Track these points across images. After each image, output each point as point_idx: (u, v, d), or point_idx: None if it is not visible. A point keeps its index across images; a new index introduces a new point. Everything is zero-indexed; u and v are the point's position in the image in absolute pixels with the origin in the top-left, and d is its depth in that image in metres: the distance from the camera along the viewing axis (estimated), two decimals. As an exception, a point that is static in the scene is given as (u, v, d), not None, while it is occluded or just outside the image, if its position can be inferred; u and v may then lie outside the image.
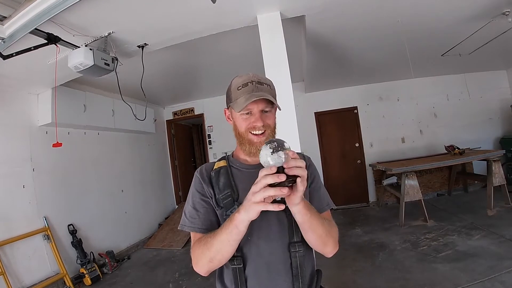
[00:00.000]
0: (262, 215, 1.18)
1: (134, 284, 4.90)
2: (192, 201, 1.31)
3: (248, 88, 1.23)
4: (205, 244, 1.13)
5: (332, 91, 8.25)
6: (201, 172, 1.37)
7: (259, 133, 1.25)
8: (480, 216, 5.67)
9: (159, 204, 8.02)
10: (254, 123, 1.24)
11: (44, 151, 4.91)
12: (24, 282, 4.29)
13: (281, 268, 1.23)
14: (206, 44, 4.47)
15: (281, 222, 1.25)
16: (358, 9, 3.76)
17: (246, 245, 1.23)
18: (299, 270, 1.23)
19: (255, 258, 1.23)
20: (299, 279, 1.22)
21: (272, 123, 1.30)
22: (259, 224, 1.21)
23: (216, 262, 1.14)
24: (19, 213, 4.46)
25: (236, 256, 1.21)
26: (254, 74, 1.30)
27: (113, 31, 3.33)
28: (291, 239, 1.24)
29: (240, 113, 1.26)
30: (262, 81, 1.27)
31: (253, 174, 1.18)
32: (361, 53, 5.55)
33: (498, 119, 8.23)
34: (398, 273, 4.03)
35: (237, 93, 1.25)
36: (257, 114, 1.24)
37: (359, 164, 8.19)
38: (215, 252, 1.10)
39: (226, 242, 1.06)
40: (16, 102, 4.64)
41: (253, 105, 1.22)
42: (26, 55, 3.08)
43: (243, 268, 1.22)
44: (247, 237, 1.21)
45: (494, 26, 4.62)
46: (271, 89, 1.28)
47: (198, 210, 1.27)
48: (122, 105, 5.00)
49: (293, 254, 1.23)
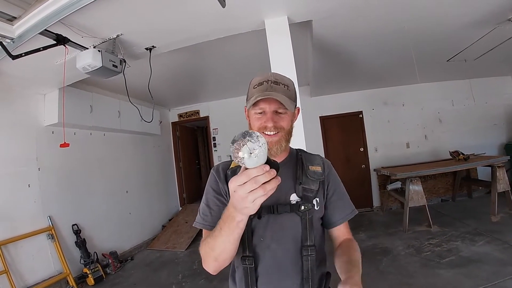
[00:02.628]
0: (276, 219, 1.22)
1: (137, 285, 4.91)
2: (206, 198, 1.32)
3: (263, 87, 1.22)
4: (208, 244, 1.12)
5: (338, 96, 8.24)
6: (217, 170, 1.36)
7: (271, 133, 1.23)
8: (484, 222, 5.64)
9: (163, 206, 8.04)
10: (265, 123, 1.23)
11: (50, 151, 4.95)
12: (27, 281, 4.31)
13: (292, 270, 1.24)
14: (213, 47, 4.48)
15: (295, 225, 1.25)
16: (365, 15, 3.77)
17: (259, 246, 1.24)
18: (309, 273, 1.23)
19: (267, 259, 1.24)
20: (309, 282, 1.23)
21: (287, 125, 1.26)
22: (273, 227, 1.23)
23: (221, 261, 1.14)
24: (24, 212, 4.49)
25: (248, 256, 1.23)
26: (274, 73, 1.29)
27: (122, 33, 3.36)
28: (304, 242, 1.25)
29: (254, 112, 1.26)
30: (279, 81, 1.25)
31: None
32: (367, 58, 5.55)
33: (503, 125, 8.21)
34: (402, 278, 4.02)
35: (252, 92, 1.25)
36: (269, 114, 1.23)
37: (364, 168, 8.17)
38: (219, 252, 1.09)
39: (227, 242, 1.04)
40: (23, 101, 4.68)
41: (266, 104, 1.22)
42: (34, 55, 3.10)
43: (254, 268, 1.23)
44: (260, 238, 1.24)
45: (500, 33, 4.63)
46: (288, 90, 1.25)
47: (211, 208, 1.28)
48: (128, 107, 5.03)
49: (305, 258, 1.23)
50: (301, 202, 1.25)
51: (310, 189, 1.28)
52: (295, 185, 1.29)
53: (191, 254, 6.11)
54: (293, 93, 1.27)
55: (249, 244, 1.23)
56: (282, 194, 1.26)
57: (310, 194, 1.28)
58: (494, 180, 5.93)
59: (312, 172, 1.31)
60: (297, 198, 1.27)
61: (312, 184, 1.29)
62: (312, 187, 1.29)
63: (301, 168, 1.33)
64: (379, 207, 8.03)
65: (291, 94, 1.26)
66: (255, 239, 1.24)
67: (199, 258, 4.30)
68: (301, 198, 1.27)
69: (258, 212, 1.19)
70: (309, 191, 1.28)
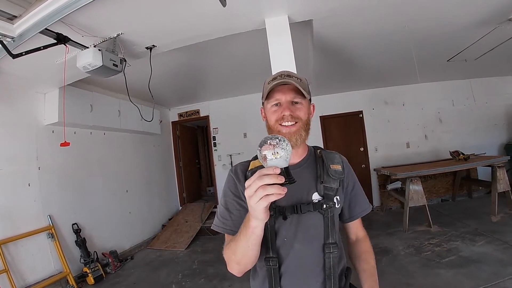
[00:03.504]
0: (299, 218, 1.24)
1: (137, 284, 4.91)
2: (224, 201, 1.31)
3: (277, 80, 1.24)
4: (230, 249, 1.14)
5: (338, 95, 8.25)
6: (236, 172, 1.35)
7: (289, 124, 1.24)
8: (484, 222, 5.65)
9: (163, 205, 8.04)
10: (282, 112, 1.23)
11: (50, 150, 4.95)
12: (27, 280, 4.31)
13: (315, 268, 1.26)
14: (214, 47, 4.47)
15: (317, 224, 1.27)
16: (366, 15, 3.76)
17: (282, 247, 1.25)
18: (331, 270, 1.25)
19: (290, 259, 1.25)
20: (331, 279, 1.25)
21: (304, 116, 1.27)
22: (297, 226, 1.25)
23: (243, 265, 1.16)
24: (24, 211, 4.49)
25: (272, 257, 1.24)
26: (287, 70, 1.30)
27: (122, 32, 3.35)
28: (326, 240, 1.26)
29: (270, 105, 1.27)
30: (292, 74, 1.26)
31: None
32: (368, 57, 5.55)
33: (503, 125, 8.23)
34: (402, 278, 4.03)
35: (266, 87, 1.27)
36: (285, 103, 1.24)
37: (364, 168, 8.19)
38: (240, 257, 1.11)
39: (246, 248, 1.06)
40: (23, 101, 4.68)
41: (281, 95, 1.23)
42: (35, 54, 3.09)
43: (278, 269, 1.24)
44: (283, 238, 1.25)
45: (500, 32, 4.62)
46: (302, 82, 1.26)
47: (230, 212, 1.27)
48: (128, 106, 5.02)
49: (327, 255, 1.25)
50: (323, 200, 1.27)
51: (331, 187, 1.30)
52: (316, 184, 1.30)
53: (191, 254, 6.11)
54: (306, 86, 1.28)
55: (272, 245, 1.24)
56: (304, 193, 1.28)
57: (331, 193, 1.29)
58: (494, 180, 5.93)
59: (333, 171, 1.32)
60: (319, 197, 1.28)
61: (333, 183, 1.31)
62: (333, 186, 1.30)
63: (322, 167, 1.34)
64: (379, 207, 8.04)
65: (305, 86, 1.27)
66: (278, 240, 1.25)
67: (199, 258, 4.34)
68: (323, 197, 1.28)
69: (283, 213, 1.22)
70: (330, 190, 1.29)
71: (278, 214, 1.22)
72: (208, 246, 6.53)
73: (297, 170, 1.31)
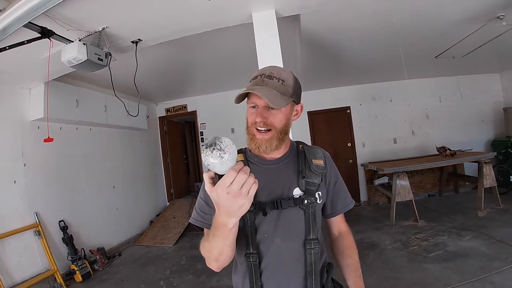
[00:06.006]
0: (279, 214, 1.24)
1: (125, 281, 4.88)
2: (204, 195, 1.28)
3: (255, 81, 1.20)
4: (205, 248, 1.13)
5: (325, 91, 8.26)
6: None
7: (263, 130, 1.21)
8: (471, 217, 5.73)
9: (151, 201, 7.99)
10: (255, 118, 1.21)
11: (36, 146, 4.86)
12: (15, 279, 4.25)
13: (295, 264, 1.26)
14: (201, 41, 4.45)
15: (298, 220, 1.26)
16: (354, 10, 3.77)
17: (262, 242, 1.24)
18: (313, 266, 1.24)
19: (271, 254, 1.24)
20: (312, 275, 1.24)
21: (279, 123, 1.22)
22: (277, 222, 1.24)
23: (221, 262, 1.15)
24: (10, 208, 4.41)
25: (252, 253, 1.23)
26: (273, 67, 1.25)
27: (107, 26, 3.30)
28: (307, 236, 1.25)
29: (249, 106, 1.25)
30: (274, 75, 1.20)
31: (271, 169, 1.26)
32: (355, 53, 5.56)
33: (490, 122, 8.33)
34: (389, 272, 4.07)
35: (248, 85, 1.22)
36: (259, 109, 1.20)
37: (351, 163, 8.21)
38: (217, 255, 1.10)
39: (224, 246, 1.05)
40: (8, 96, 4.59)
41: (257, 99, 1.19)
42: (19, 49, 3.06)
43: (258, 265, 1.23)
44: (264, 234, 1.24)
45: (489, 30, 4.67)
46: (283, 85, 1.20)
47: (210, 206, 1.24)
48: (115, 101, 4.96)
49: (308, 251, 1.24)
50: (304, 196, 1.25)
51: (313, 182, 1.28)
52: (298, 179, 1.29)
53: (179, 250, 6.10)
54: (289, 88, 1.22)
55: (253, 241, 1.23)
56: (285, 189, 1.27)
57: (313, 188, 1.28)
58: (481, 176, 6.01)
59: (315, 166, 1.31)
60: (300, 192, 1.27)
61: (315, 178, 1.29)
62: (315, 181, 1.29)
63: (303, 162, 1.32)
64: (366, 202, 8.10)
65: (286, 89, 1.20)
66: (258, 235, 1.24)
67: (187, 254, 4.32)
68: (304, 192, 1.27)
69: (263, 208, 1.21)
70: (312, 185, 1.28)
71: (258, 210, 1.21)
72: (196, 241, 6.47)
73: (279, 165, 1.31)
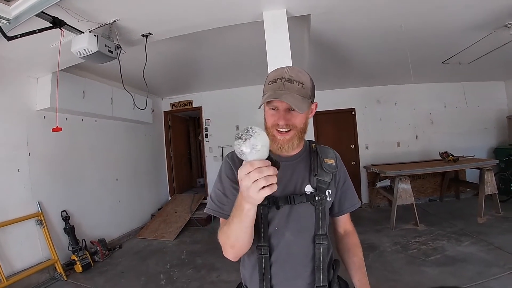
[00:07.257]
0: (291, 209, 1.28)
1: (125, 273, 4.90)
2: (222, 187, 1.31)
3: (276, 84, 1.20)
4: (224, 233, 1.16)
5: (331, 92, 8.21)
6: (233, 158, 1.34)
7: (284, 131, 1.24)
8: (471, 223, 5.73)
9: (153, 195, 8.02)
10: (277, 120, 1.23)
11: (41, 135, 4.88)
12: (15, 267, 4.27)
13: (304, 258, 1.29)
14: (210, 37, 4.45)
15: (309, 215, 1.30)
16: (363, 12, 3.78)
17: (274, 235, 1.28)
18: (321, 261, 1.28)
19: (280, 248, 1.28)
20: (320, 270, 1.28)
21: (300, 123, 1.26)
22: (288, 217, 1.28)
23: (237, 248, 1.18)
24: (13, 197, 4.44)
25: (264, 245, 1.26)
26: (291, 69, 1.25)
27: (119, 18, 3.32)
28: (317, 231, 1.29)
29: (268, 108, 1.26)
30: (294, 78, 1.20)
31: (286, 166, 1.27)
32: (363, 55, 5.57)
33: (493, 129, 8.33)
34: (388, 274, 4.08)
35: (266, 88, 1.25)
36: (281, 112, 1.23)
37: (354, 165, 8.24)
38: (234, 240, 1.13)
39: (240, 230, 1.08)
40: (15, 85, 4.60)
41: (278, 102, 1.21)
42: (29, 37, 3.06)
43: (268, 257, 1.27)
44: (275, 227, 1.28)
45: (496, 38, 4.67)
46: (303, 88, 1.21)
47: (227, 197, 1.27)
48: (121, 94, 4.98)
49: (317, 246, 1.28)
50: (316, 193, 1.30)
51: (324, 181, 1.33)
52: (310, 177, 1.33)
53: (180, 244, 6.12)
54: (308, 91, 1.23)
55: (265, 233, 1.26)
56: (298, 185, 1.31)
57: (323, 186, 1.32)
58: (482, 182, 6.01)
59: (327, 165, 1.35)
60: (312, 189, 1.31)
61: (326, 176, 1.34)
62: (326, 179, 1.33)
63: (316, 160, 1.36)
64: (367, 204, 8.12)
65: (306, 92, 1.22)
66: (270, 228, 1.28)
67: (187, 248, 4.35)
68: (316, 189, 1.31)
69: (276, 202, 1.25)
70: (323, 183, 1.32)
71: (271, 204, 1.24)
72: (196, 237, 6.55)
73: (293, 162, 1.34)
